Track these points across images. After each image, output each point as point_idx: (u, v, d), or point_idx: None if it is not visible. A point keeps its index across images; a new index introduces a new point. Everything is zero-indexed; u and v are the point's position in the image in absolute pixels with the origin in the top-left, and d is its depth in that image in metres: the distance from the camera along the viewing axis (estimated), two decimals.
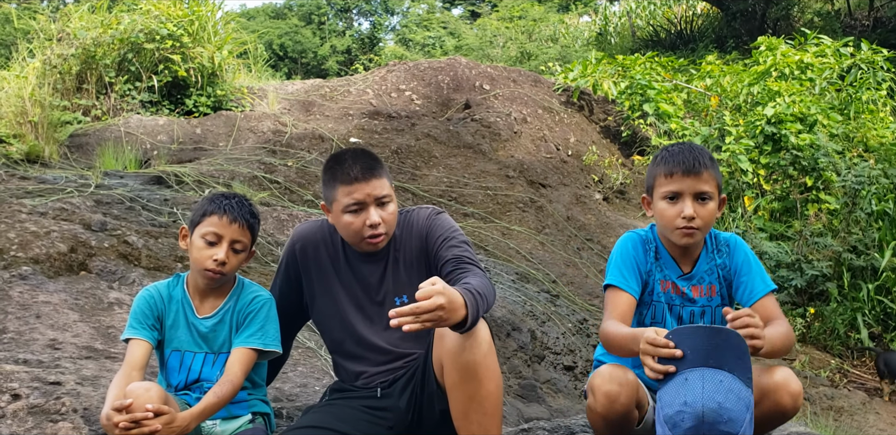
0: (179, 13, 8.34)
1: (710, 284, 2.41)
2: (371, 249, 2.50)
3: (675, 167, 2.30)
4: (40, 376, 2.68)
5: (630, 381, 2.13)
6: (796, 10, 16.69)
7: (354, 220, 2.42)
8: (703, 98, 9.66)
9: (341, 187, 2.42)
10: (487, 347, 2.22)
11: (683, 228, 2.30)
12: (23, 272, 3.67)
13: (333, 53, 30.08)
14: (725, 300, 2.43)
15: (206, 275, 2.38)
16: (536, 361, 4.89)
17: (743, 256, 2.41)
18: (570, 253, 6.94)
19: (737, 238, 2.47)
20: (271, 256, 4.81)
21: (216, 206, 2.40)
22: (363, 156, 2.48)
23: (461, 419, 2.25)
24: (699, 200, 2.30)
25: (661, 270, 2.41)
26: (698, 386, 1.88)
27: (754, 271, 2.38)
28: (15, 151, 6.28)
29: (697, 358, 1.91)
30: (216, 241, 2.37)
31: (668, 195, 2.32)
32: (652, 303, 2.41)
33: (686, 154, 2.31)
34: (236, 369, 2.32)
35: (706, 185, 2.29)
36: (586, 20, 23.19)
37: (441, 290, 1.96)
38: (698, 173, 2.28)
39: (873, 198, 7.37)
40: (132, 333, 2.36)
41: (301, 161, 7.11)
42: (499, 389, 2.27)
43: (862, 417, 5.50)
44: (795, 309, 6.99)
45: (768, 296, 2.35)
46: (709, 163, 2.32)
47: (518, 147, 8.57)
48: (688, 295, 2.40)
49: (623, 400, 2.10)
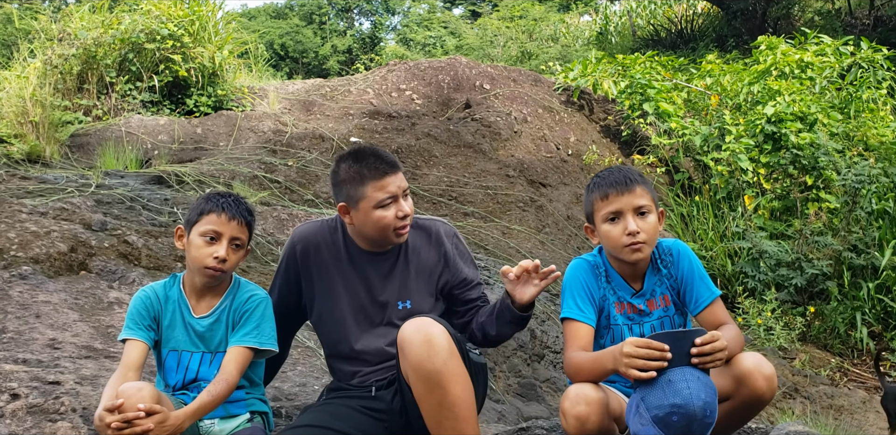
0: (180, 13, 8.35)
1: (663, 294, 2.46)
2: (398, 242, 2.53)
3: (608, 188, 2.36)
4: (39, 376, 2.68)
5: (597, 399, 2.15)
6: (797, 9, 16.67)
7: (386, 214, 2.44)
8: (704, 97, 9.65)
9: (372, 183, 2.43)
10: (447, 353, 2.22)
11: (630, 245, 2.34)
12: (23, 272, 3.68)
13: (334, 53, 30.08)
14: (679, 305, 2.48)
15: (207, 273, 2.38)
16: (536, 360, 4.90)
17: (688, 265, 2.45)
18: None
19: (679, 244, 2.50)
20: (271, 255, 4.82)
21: (213, 204, 2.41)
22: (380, 151, 2.51)
23: (435, 427, 2.26)
24: (639, 215, 2.35)
25: (615, 293, 2.45)
26: (683, 386, 1.99)
27: (699, 279, 2.43)
28: (16, 151, 6.29)
29: (674, 359, 2.03)
30: (216, 238, 2.38)
31: (608, 217, 2.37)
32: (610, 326, 2.45)
33: (616, 174, 2.39)
34: (231, 368, 2.33)
35: (641, 199, 2.35)
36: (587, 19, 23.18)
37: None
38: (632, 189, 2.35)
39: (873, 197, 7.37)
40: (129, 333, 2.36)
41: (301, 161, 7.12)
42: (467, 391, 2.26)
43: (862, 416, 5.50)
44: (795, 308, 6.99)
45: (715, 302, 2.40)
46: (639, 178, 2.39)
47: (518, 146, 8.58)
48: (644, 311, 2.44)
49: (594, 418, 2.13)
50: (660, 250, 2.47)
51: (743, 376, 2.18)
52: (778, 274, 7.01)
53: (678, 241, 2.53)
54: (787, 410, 5.29)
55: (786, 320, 6.70)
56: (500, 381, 4.42)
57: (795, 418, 4.95)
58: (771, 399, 2.24)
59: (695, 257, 2.48)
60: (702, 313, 2.39)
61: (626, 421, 2.15)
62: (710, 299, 2.39)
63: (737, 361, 2.20)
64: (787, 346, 6.50)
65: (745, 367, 2.18)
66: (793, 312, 6.89)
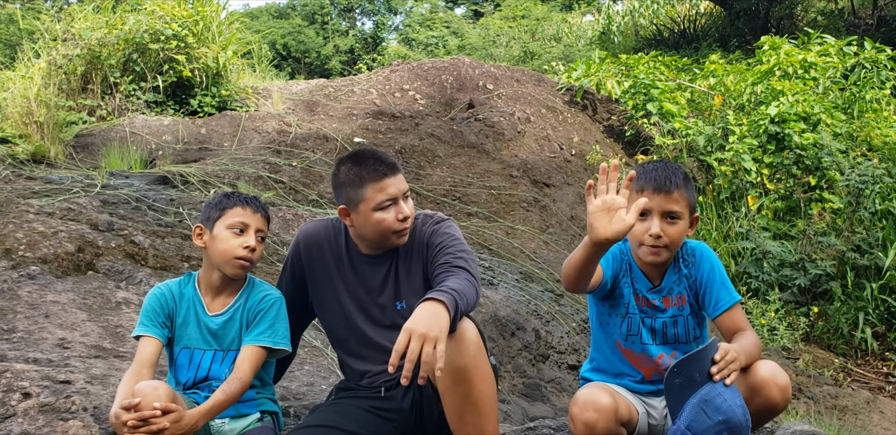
0: (184, 13, 8.36)
1: (679, 293, 2.45)
2: (399, 244, 2.51)
3: (646, 184, 2.31)
4: (50, 375, 2.69)
5: (606, 405, 2.17)
6: (800, 9, 16.67)
7: (386, 216, 2.44)
8: (707, 97, 9.65)
9: (371, 185, 2.44)
10: (476, 348, 2.23)
11: (650, 246, 2.33)
12: (31, 272, 3.70)
13: (337, 53, 30.10)
14: (694, 307, 2.47)
15: (237, 263, 2.41)
16: (541, 361, 4.91)
17: (709, 267, 2.43)
18: None
19: (703, 247, 2.48)
20: (277, 255, 4.83)
21: (236, 199, 2.48)
22: (379, 153, 2.52)
23: (456, 422, 2.27)
24: (668, 219, 2.32)
25: (632, 284, 2.44)
26: (721, 401, 2.08)
27: (719, 283, 2.41)
28: (21, 152, 6.31)
29: (699, 380, 2.10)
30: (244, 229, 2.43)
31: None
32: (628, 315, 2.44)
33: (659, 172, 2.33)
34: (246, 367, 2.35)
35: (676, 204, 2.31)
36: (589, 19, 23.20)
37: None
38: (668, 192, 2.30)
39: (877, 197, 7.36)
40: (143, 330, 2.38)
41: (306, 161, 7.13)
42: (491, 389, 2.28)
43: (866, 416, 5.50)
44: (799, 308, 7.00)
45: (734, 307, 2.39)
46: (681, 182, 2.33)
47: (522, 147, 8.59)
48: (659, 306, 2.44)
49: (602, 425, 2.16)
50: (684, 250, 2.45)
51: (758, 386, 2.19)
52: (781, 274, 7.01)
53: (702, 243, 2.52)
54: (791, 410, 5.30)
55: (789, 320, 6.70)
56: (506, 381, 4.43)
57: (799, 418, 4.95)
58: (785, 408, 2.26)
59: (717, 261, 2.46)
60: (720, 317, 2.38)
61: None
62: (729, 304, 2.38)
63: (753, 370, 2.21)
64: (790, 346, 6.50)
65: (760, 376, 2.20)
66: (796, 313, 6.90)
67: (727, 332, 2.37)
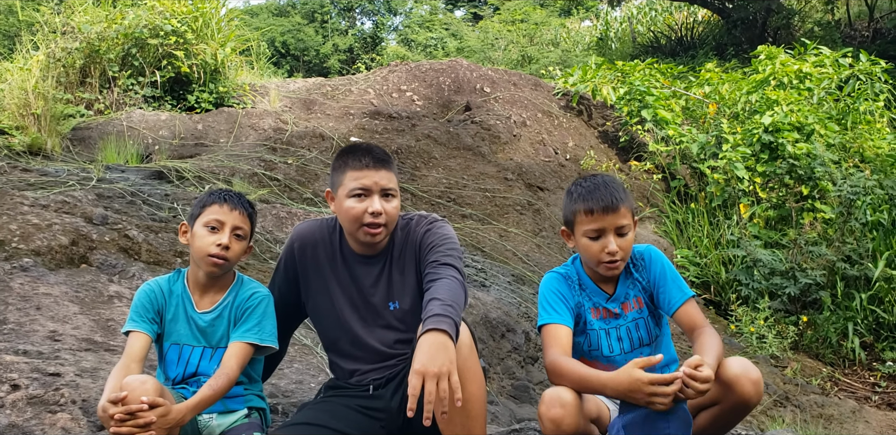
0: (184, 9, 8.37)
1: (636, 296, 2.52)
2: (369, 241, 2.50)
3: (594, 205, 2.38)
4: (40, 367, 2.71)
5: (571, 401, 2.19)
6: (797, 20, 16.74)
7: (357, 205, 2.45)
8: (702, 105, 9.70)
9: (350, 172, 2.46)
10: (468, 350, 2.26)
11: (608, 262, 2.40)
12: (24, 264, 3.70)
13: (335, 52, 30.08)
14: (651, 308, 2.53)
15: (210, 261, 2.42)
16: (530, 363, 4.93)
17: (659, 268, 2.50)
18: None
19: (651, 249, 2.55)
20: (270, 253, 4.84)
21: (215, 196, 2.49)
22: (376, 148, 2.55)
23: (444, 422, 2.27)
24: (619, 234, 2.40)
25: (590, 299, 2.52)
26: (664, 425, 2.11)
27: (671, 282, 2.47)
28: (17, 143, 6.30)
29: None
30: (218, 227, 2.44)
31: (590, 234, 2.41)
32: (587, 332, 2.50)
33: (602, 191, 2.39)
34: (232, 363, 2.36)
35: (624, 218, 2.39)
36: (587, 25, 23.24)
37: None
38: (616, 210, 2.37)
39: (868, 208, 7.41)
40: (132, 325, 2.40)
41: (301, 159, 7.14)
42: (481, 390, 2.30)
43: (852, 426, 5.53)
44: (788, 317, 7.03)
45: (688, 302, 2.44)
46: (624, 196, 2.41)
47: (517, 150, 8.61)
48: (619, 313, 2.50)
49: (568, 420, 2.17)
50: (632, 256, 2.52)
51: (730, 382, 2.21)
52: (771, 283, 7.05)
53: (651, 246, 2.59)
54: (778, 417, 5.32)
55: (778, 329, 6.74)
56: (494, 382, 4.45)
57: (785, 426, 4.98)
58: (758, 403, 2.27)
59: (667, 261, 2.53)
60: (676, 313, 2.44)
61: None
62: (682, 300, 2.44)
63: (723, 367, 2.22)
64: (779, 354, 6.54)
65: (732, 372, 2.21)
66: (785, 321, 6.94)
67: (686, 327, 2.42)
